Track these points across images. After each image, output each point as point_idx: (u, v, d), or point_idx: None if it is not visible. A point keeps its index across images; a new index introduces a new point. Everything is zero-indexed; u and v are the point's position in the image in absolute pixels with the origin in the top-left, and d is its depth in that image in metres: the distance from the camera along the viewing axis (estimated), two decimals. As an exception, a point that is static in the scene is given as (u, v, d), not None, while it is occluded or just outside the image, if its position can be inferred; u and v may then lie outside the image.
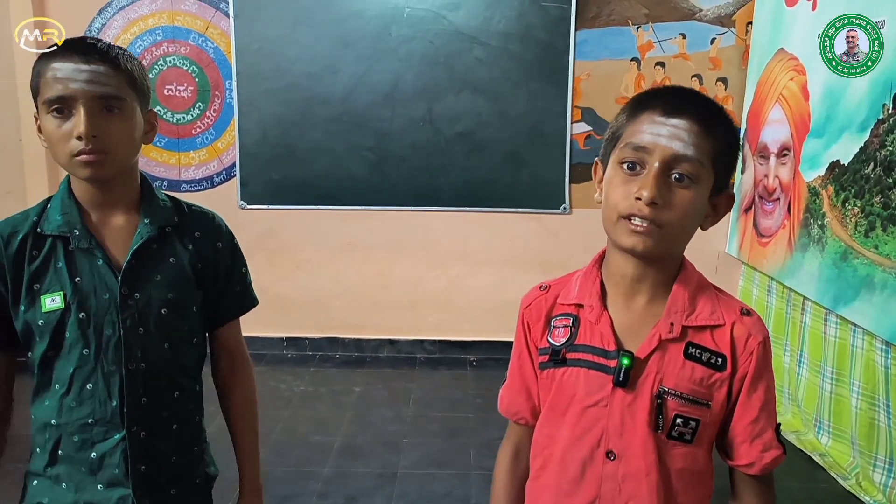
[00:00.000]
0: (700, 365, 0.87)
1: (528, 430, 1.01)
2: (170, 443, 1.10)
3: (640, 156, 0.84)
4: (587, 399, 0.90)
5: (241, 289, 1.21)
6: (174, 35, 3.59)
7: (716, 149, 0.84)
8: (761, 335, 0.89)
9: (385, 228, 3.66)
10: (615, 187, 0.86)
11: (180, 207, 1.14)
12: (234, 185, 3.66)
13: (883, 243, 2.30)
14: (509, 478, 1.04)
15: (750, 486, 0.92)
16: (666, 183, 0.83)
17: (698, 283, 0.92)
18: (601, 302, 0.92)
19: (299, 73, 3.53)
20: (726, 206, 0.90)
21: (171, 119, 3.65)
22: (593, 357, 0.90)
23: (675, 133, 0.83)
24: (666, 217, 0.83)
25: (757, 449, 0.89)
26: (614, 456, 0.89)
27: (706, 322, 0.89)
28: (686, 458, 0.89)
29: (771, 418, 0.90)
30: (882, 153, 2.33)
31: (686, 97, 0.87)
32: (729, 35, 3.47)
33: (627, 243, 0.85)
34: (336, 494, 2.39)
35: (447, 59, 3.50)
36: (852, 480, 2.46)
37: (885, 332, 2.28)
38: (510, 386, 1.03)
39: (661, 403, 0.87)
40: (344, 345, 3.76)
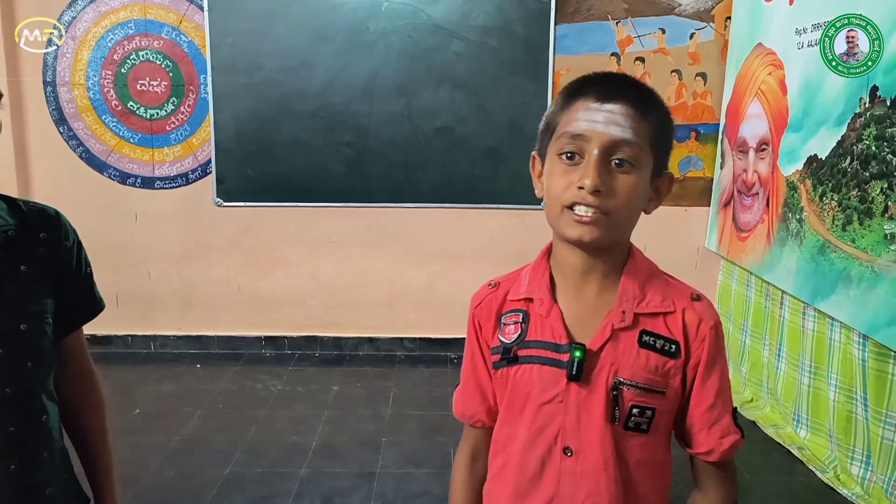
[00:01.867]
0: (654, 353, 0.86)
1: (484, 432, 0.99)
2: (43, 473, 0.96)
3: (578, 144, 0.82)
4: (542, 396, 0.88)
5: (88, 292, 1.07)
6: (147, 29, 3.51)
7: (653, 131, 0.84)
8: (713, 320, 0.88)
9: (363, 225, 3.62)
10: (556, 179, 0.84)
11: (15, 206, 0.98)
12: (209, 181, 3.59)
13: (860, 237, 2.30)
14: (467, 482, 1.01)
15: (711, 474, 0.91)
16: (607, 170, 0.82)
17: (648, 271, 0.90)
18: (551, 295, 0.90)
19: (275, 68, 3.47)
20: (668, 187, 0.90)
21: (144, 115, 3.57)
22: (546, 352, 0.88)
23: (612, 118, 0.81)
24: (611, 204, 0.81)
25: (715, 436, 0.88)
26: (571, 452, 0.88)
27: (658, 309, 0.88)
28: (644, 449, 0.88)
29: (727, 404, 0.89)
30: (859, 147, 2.33)
31: (619, 82, 0.86)
32: (708, 30, 3.47)
33: (574, 234, 0.83)
34: (313, 495, 2.35)
35: (426, 54, 3.46)
36: (830, 473, 2.46)
37: (862, 326, 2.28)
38: (464, 389, 1.00)
39: (617, 395, 0.85)
40: (322, 343, 3.72)
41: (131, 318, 3.69)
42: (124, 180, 3.62)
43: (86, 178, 3.59)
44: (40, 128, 3.55)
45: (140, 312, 3.70)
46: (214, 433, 2.79)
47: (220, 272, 3.67)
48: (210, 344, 3.70)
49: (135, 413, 2.98)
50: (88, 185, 3.59)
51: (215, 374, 3.41)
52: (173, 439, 2.73)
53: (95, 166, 3.61)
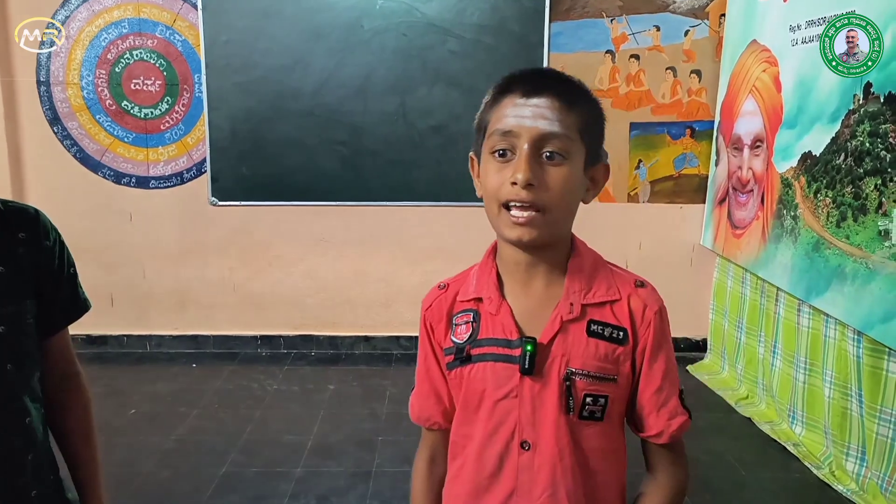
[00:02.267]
0: (603, 341, 0.88)
1: (442, 434, 0.99)
2: (28, 475, 0.95)
3: (508, 140, 0.84)
4: (497, 392, 0.89)
5: (72, 292, 1.05)
6: (140, 28, 3.50)
7: (581, 122, 0.85)
8: (657, 304, 0.90)
9: (359, 224, 3.61)
10: (490, 177, 0.86)
11: None
12: (204, 181, 3.58)
13: (854, 233, 2.31)
14: (427, 484, 1.01)
15: (662, 456, 0.93)
16: (538, 163, 0.83)
17: (593, 262, 0.92)
18: (499, 292, 0.91)
19: (270, 67, 3.46)
20: (604, 176, 0.91)
21: (138, 114, 3.56)
22: (498, 349, 0.89)
23: (539, 112, 0.83)
24: (545, 198, 0.83)
25: (664, 418, 0.90)
26: (529, 446, 0.89)
27: (604, 298, 0.89)
28: (599, 437, 0.90)
29: (674, 385, 0.91)
30: (853, 143, 2.33)
31: (543, 77, 0.87)
32: (702, 27, 3.47)
33: (512, 236, 0.85)
34: (308, 495, 2.35)
35: (420, 52, 3.46)
36: (825, 470, 2.47)
37: (856, 322, 2.28)
38: (419, 392, 1.00)
39: (570, 385, 0.87)
40: (318, 342, 3.71)
41: (126, 318, 3.68)
42: (119, 180, 3.61)
43: (80, 177, 3.58)
44: (34, 127, 3.54)
45: (135, 312, 3.69)
46: (210, 433, 2.79)
47: (215, 272, 3.66)
48: (206, 343, 3.70)
49: (130, 413, 2.97)
50: (83, 184, 3.58)
51: (211, 373, 3.40)
52: (168, 439, 2.72)
53: (90, 166, 3.60)
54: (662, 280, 0.92)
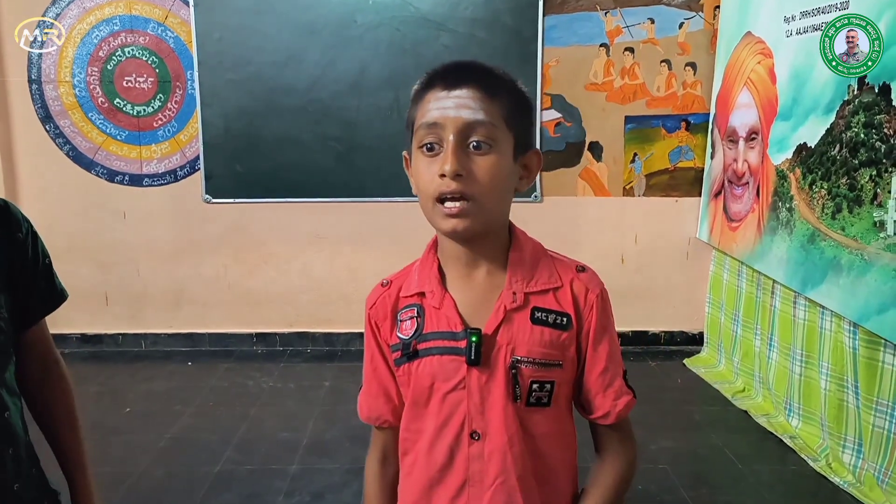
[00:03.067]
0: (548, 327, 0.89)
1: (392, 433, 0.99)
2: (8, 470, 0.94)
3: (435, 133, 0.84)
4: (445, 385, 0.90)
5: (47, 283, 1.04)
6: (132, 25, 3.48)
7: (505, 109, 0.85)
8: (598, 288, 0.92)
9: (353, 220, 3.60)
10: (421, 172, 0.86)
11: None
12: (198, 178, 3.57)
13: (849, 225, 2.30)
14: (380, 483, 1.01)
15: (610, 437, 0.94)
16: (465, 154, 0.83)
17: (533, 250, 0.93)
18: (441, 286, 0.92)
19: (262, 63, 3.45)
20: (537, 163, 0.92)
21: (131, 111, 3.55)
22: (444, 342, 0.89)
23: (461, 102, 0.83)
24: (475, 188, 0.83)
25: (610, 398, 0.91)
26: (478, 436, 0.89)
27: (546, 285, 0.90)
28: (547, 422, 0.91)
29: (618, 366, 0.93)
30: (847, 134, 2.32)
31: (463, 68, 0.88)
32: (697, 19, 3.46)
33: (446, 227, 0.85)
34: (303, 492, 2.34)
35: (414, 47, 3.44)
36: (822, 462, 2.46)
37: (852, 314, 2.27)
38: (367, 391, 1.00)
39: (516, 373, 0.87)
40: (314, 339, 3.70)
41: (121, 317, 3.67)
42: (112, 178, 3.59)
43: (73, 176, 3.56)
44: (26, 126, 3.52)
45: (130, 311, 3.68)
46: (205, 431, 2.78)
47: (210, 269, 3.65)
48: (201, 341, 3.69)
49: (125, 412, 2.96)
50: (76, 183, 3.57)
51: (206, 371, 3.39)
52: (163, 437, 2.71)
53: (83, 164, 3.58)
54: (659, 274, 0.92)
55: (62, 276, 1.09)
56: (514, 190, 0.90)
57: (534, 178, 0.92)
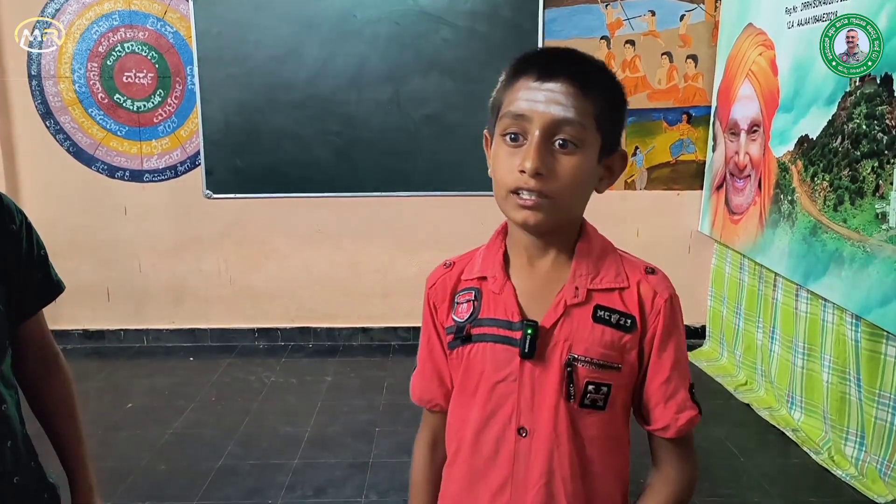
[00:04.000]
0: (609, 327, 0.85)
1: (443, 416, 0.97)
2: (7, 463, 0.94)
3: (520, 124, 0.81)
4: (496, 375, 0.87)
5: (43, 275, 1.03)
6: (131, 20, 3.47)
7: (598, 109, 0.81)
8: (667, 292, 0.87)
9: (354, 215, 3.59)
10: (500, 161, 0.83)
11: None
12: (198, 173, 3.56)
13: (851, 217, 2.29)
14: (428, 468, 0.99)
15: (668, 451, 0.89)
16: (549, 151, 0.80)
17: (601, 246, 0.89)
18: (504, 272, 0.89)
19: (262, 58, 3.43)
20: (621, 165, 0.88)
21: (131, 107, 3.54)
22: (498, 330, 0.86)
23: (552, 97, 0.79)
24: (553, 187, 0.80)
25: (671, 410, 0.86)
26: (526, 432, 0.86)
27: (612, 284, 0.86)
28: (600, 426, 0.86)
29: (683, 378, 0.87)
30: (849, 126, 2.31)
31: (560, 58, 0.83)
32: (698, 11, 3.44)
33: (518, 218, 0.82)
34: (305, 486, 2.34)
35: (413, 41, 3.43)
36: (824, 455, 2.46)
37: (854, 306, 2.27)
38: (421, 372, 0.98)
39: (572, 371, 0.84)
40: (316, 334, 3.70)
41: (123, 313, 3.67)
42: (112, 174, 3.59)
43: (74, 172, 3.56)
44: (26, 122, 3.52)
45: (132, 306, 3.68)
46: (207, 426, 2.78)
47: (211, 265, 3.65)
48: (203, 337, 3.69)
49: (127, 407, 2.97)
50: (76, 179, 3.57)
51: (208, 366, 3.40)
52: (166, 433, 2.71)
53: (83, 160, 3.57)
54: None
55: (63, 273, 1.08)
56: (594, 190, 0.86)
57: (615, 181, 0.88)
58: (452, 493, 0.93)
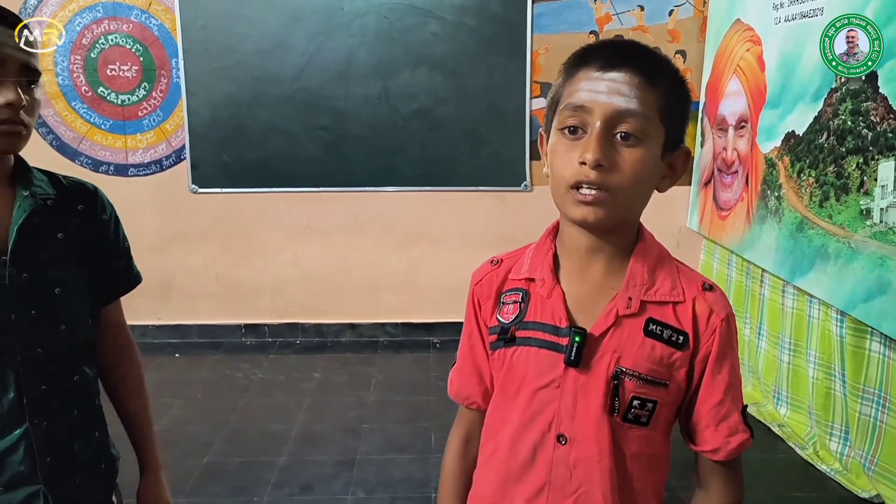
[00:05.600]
0: (661, 342, 0.82)
1: (479, 414, 0.95)
2: (72, 431, 1.03)
3: (580, 117, 0.78)
4: (538, 380, 0.84)
5: (126, 265, 1.14)
6: (115, 12, 3.43)
7: (662, 101, 0.78)
8: (724, 311, 0.83)
9: (343, 210, 3.57)
10: (559, 156, 0.80)
11: (57, 180, 1.06)
12: (184, 168, 3.53)
13: (836, 213, 2.29)
14: (459, 464, 0.98)
15: (716, 473, 0.86)
16: (611, 143, 0.77)
17: (658, 255, 0.86)
18: (553, 275, 0.86)
19: (249, 51, 3.40)
20: (684, 163, 0.84)
21: (115, 100, 3.50)
22: (544, 335, 0.84)
23: (615, 88, 0.76)
24: (615, 181, 0.76)
25: (722, 433, 0.84)
26: (566, 440, 0.84)
27: (666, 297, 0.83)
28: (641, 442, 0.84)
29: (737, 401, 0.85)
30: (835, 122, 2.31)
31: (624, 48, 0.81)
32: (687, 6, 3.43)
33: (577, 215, 0.79)
34: (292, 483, 2.33)
35: (402, 35, 3.40)
36: (810, 450, 2.47)
37: (839, 302, 2.28)
38: (461, 368, 0.96)
39: (618, 384, 0.81)
40: (304, 330, 3.69)
41: (109, 309, 3.63)
42: (97, 168, 3.55)
43: (57, 166, 3.45)
44: (8, 116, 3.47)
45: (117, 302, 3.64)
46: (193, 423, 2.76)
47: (198, 260, 3.62)
48: (190, 333, 3.66)
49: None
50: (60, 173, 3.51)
51: (195, 363, 3.37)
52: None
53: (67, 154, 3.53)
54: None
55: None
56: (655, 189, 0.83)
57: (678, 180, 0.85)
58: (486, 494, 0.91)
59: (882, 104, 2.09)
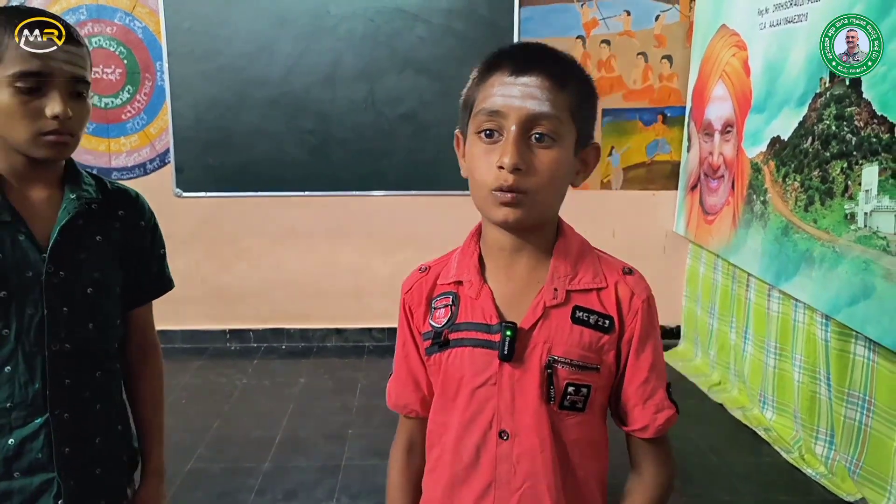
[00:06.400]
0: (588, 328, 0.85)
1: (419, 422, 0.96)
2: (94, 423, 1.07)
3: (496, 121, 0.80)
4: (475, 379, 0.86)
5: (159, 271, 1.19)
6: (99, 14, 3.39)
7: (572, 102, 0.81)
8: (645, 293, 0.87)
9: (328, 214, 3.55)
10: (477, 160, 0.82)
11: (103, 185, 1.11)
12: (168, 171, 3.49)
13: (821, 217, 2.30)
14: (404, 474, 0.98)
15: (647, 451, 0.90)
16: (527, 145, 0.79)
17: (579, 247, 0.89)
18: (480, 276, 0.88)
19: (234, 54, 3.38)
20: (595, 158, 0.88)
21: (98, 103, 3.45)
22: (477, 334, 0.86)
23: (528, 92, 0.79)
24: (533, 183, 0.79)
25: (650, 411, 0.87)
26: (507, 435, 0.85)
27: (590, 285, 0.86)
28: (580, 428, 0.87)
29: (661, 378, 0.88)
30: (819, 127, 2.33)
31: (534, 53, 0.83)
32: (673, 12, 3.45)
33: (499, 217, 0.81)
34: (275, 490, 2.30)
35: (389, 38, 3.39)
36: (795, 454, 2.47)
37: (823, 306, 2.28)
38: (397, 377, 0.97)
39: (551, 373, 0.83)
40: (289, 335, 3.65)
41: (91, 314, 3.59)
42: (79, 172, 3.50)
43: (39, 169, 3.47)
44: (-11, 118, 3.42)
45: (100, 307, 3.60)
46: (175, 429, 2.71)
47: (181, 265, 3.57)
48: (173, 338, 3.61)
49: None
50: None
51: (178, 368, 3.32)
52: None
53: (49, 157, 3.48)
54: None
55: None
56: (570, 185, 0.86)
57: (590, 174, 0.88)
58: (434, 499, 0.92)
59: (866, 109, 2.10)
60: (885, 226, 2.01)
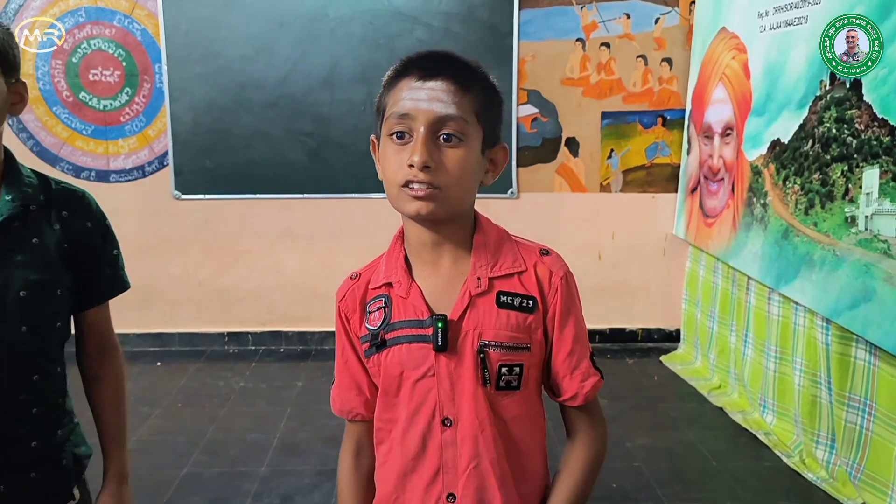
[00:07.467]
0: (514, 311, 0.90)
1: (365, 425, 1.00)
2: (29, 427, 1.05)
3: (406, 123, 0.85)
4: (415, 373, 0.91)
5: (112, 272, 1.15)
6: (98, 16, 3.39)
7: (477, 104, 0.87)
8: (562, 271, 0.93)
9: (327, 216, 3.54)
10: (390, 160, 0.87)
11: (47, 184, 1.07)
12: (167, 174, 3.49)
13: (821, 220, 2.29)
14: (354, 477, 1.01)
15: (579, 419, 0.95)
16: (435, 146, 0.85)
17: (497, 236, 0.94)
18: (408, 275, 0.93)
19: (232, 56, 3.37)
20: (503, 158, 0.94)
21: (97, 106, 3.45)
22: (411, 331, 0.91)
23: (434, 95, 0.85)
24: (443, 179, 0.84)
25: (577, 380, 0.93)
26: (451, 422, 0.91)
27: (510, 270, 0.92)
28: (517, 405, 0.92)
29: (584, 348, 0.94)
30: (820, 130, 2.31)
31: (439, 60, 0.89)
32: (673, 14, 3.44)
33: (411, 210, 0.86)
34: (272, 494, 2.28)
35: (388, 41, 3.39)
36: (796, 458, 2.46)
37: (824, 310, 2.27)
38: (339, 384, 1.01)
39: (484, 357, 0.89)
40: (287, 338, 3.64)
41: (88, 317, 3.57)
42: (78, 174, 3.49)
43: (37, 172, 3.46)
44: (-13, 120, 3.41)
45: (98, 310, 3.58)
46: (172, 433, 2.71)
47: (179, 267, 3.57)
48: (171, 341, 3.61)
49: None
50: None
51: (176, 371, 3.31)
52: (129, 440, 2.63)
53: (47, 160, 3.48)
54: (636, 270, 0.91)
55: None
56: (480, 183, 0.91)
57: (499, 173, 0.94)
58: (387, 493, 0.96)
59: (866, 112, 2.09)
60: (886, 229, 2.00)
